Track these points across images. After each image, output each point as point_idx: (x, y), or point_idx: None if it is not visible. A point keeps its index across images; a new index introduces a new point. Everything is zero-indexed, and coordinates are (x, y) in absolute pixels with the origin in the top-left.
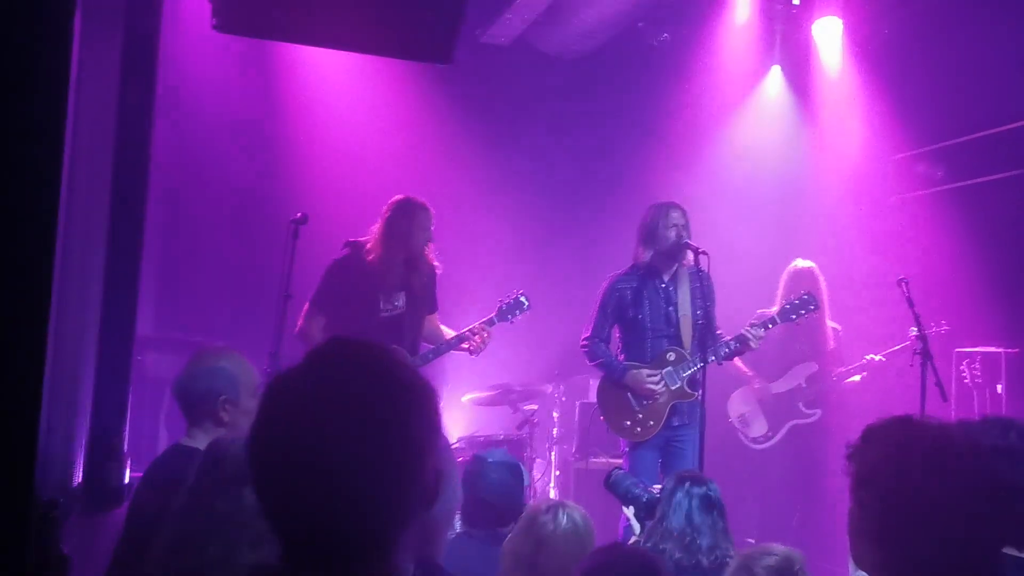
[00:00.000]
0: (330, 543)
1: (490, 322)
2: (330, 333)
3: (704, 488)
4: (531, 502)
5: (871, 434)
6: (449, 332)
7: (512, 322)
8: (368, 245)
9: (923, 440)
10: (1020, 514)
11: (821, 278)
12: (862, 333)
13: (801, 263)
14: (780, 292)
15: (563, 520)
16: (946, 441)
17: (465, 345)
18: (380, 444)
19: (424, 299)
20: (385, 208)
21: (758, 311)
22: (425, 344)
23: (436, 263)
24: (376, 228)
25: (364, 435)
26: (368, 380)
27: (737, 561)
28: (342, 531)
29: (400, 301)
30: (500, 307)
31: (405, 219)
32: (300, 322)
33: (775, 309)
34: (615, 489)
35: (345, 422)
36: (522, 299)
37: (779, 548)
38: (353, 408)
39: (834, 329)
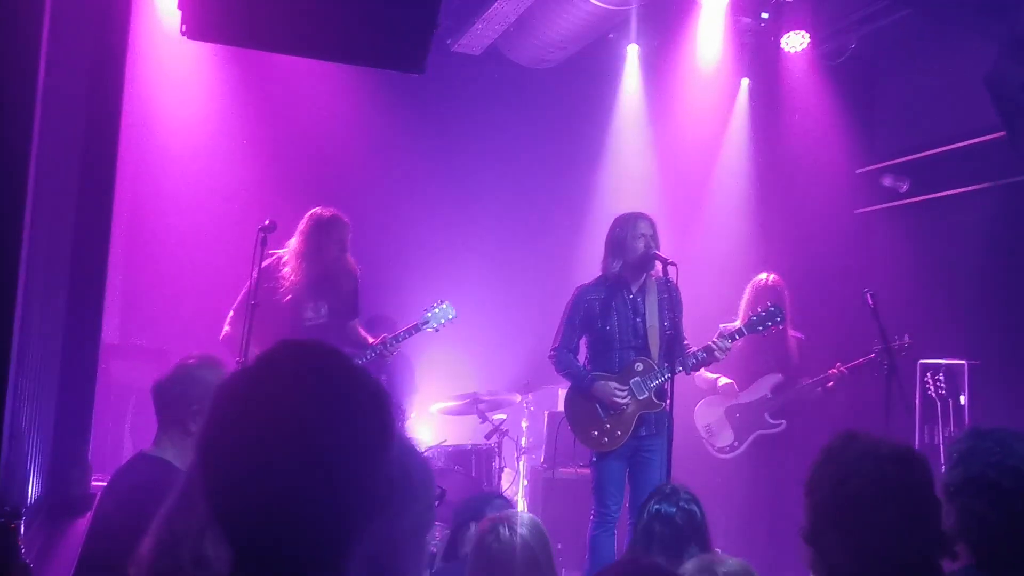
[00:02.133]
0: (280, 550)
1: (414, 329)
2: (258, 339)
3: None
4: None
5: (823, 449)
6: (369, 338)
7: (436, 331)
8: (284, 260)
9: (852, 450)
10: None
11: (786, 289)
12: (828, 344)
13: (767, 276)
14: (744, 304)
15: (506, 534)
16: (874, 450)
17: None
18: (330, 447)
19: (346, 308)
20: (302, 222)
21: (721, 325)
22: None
23: (357, 270)
24: (292, 243)
25: (314, 438)
26: (318, 383)
27: (696, 563)
28: (291, 538)
29: (323, 310)
30: (424, 315)
31: (318, 233)
32: (226, 328)
33: (738, 322)
34: None
35: (294, 425)
36: (447, 307)
37: (732, 560)
38: (302, 411)
39: (797, 339)
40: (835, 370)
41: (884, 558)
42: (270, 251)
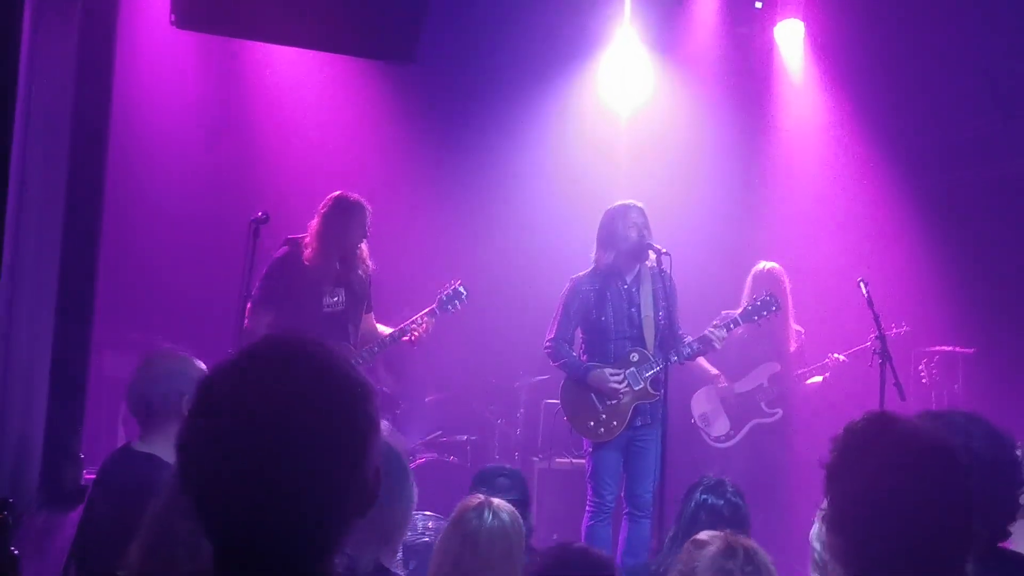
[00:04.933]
0: (265, 545)
1: (432, 314)
2: (275, 330)
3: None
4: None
5: (846, 429)
6: (386, 331)
7: (452, 313)
8: (306, 241)
9: (893, 436)
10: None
11: (786, 280)
12: (826, 334)
13: (766, 264)
14: (746, 293)
15: (489, 518)
16: (916, 438)
17: (406, 337)
18: (315, 440)
19: (363, 298)
20: (322, 205)
21: (723, 312)
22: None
23: (370, 263)
24: (313, 225)
25: (299, 431)
26: (303, 375)
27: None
28: (277, 533)
29: (340, 297)
30: (440, 298)
31: (342, 216)
32: (246, 322)
33: (740, 311)
34: None
35: (279, 420)
36: (460, 289)
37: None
38: (287, 404)
39: (797, 331)
40: (834, 357)
41: (926, 549)
42: (288, 236)
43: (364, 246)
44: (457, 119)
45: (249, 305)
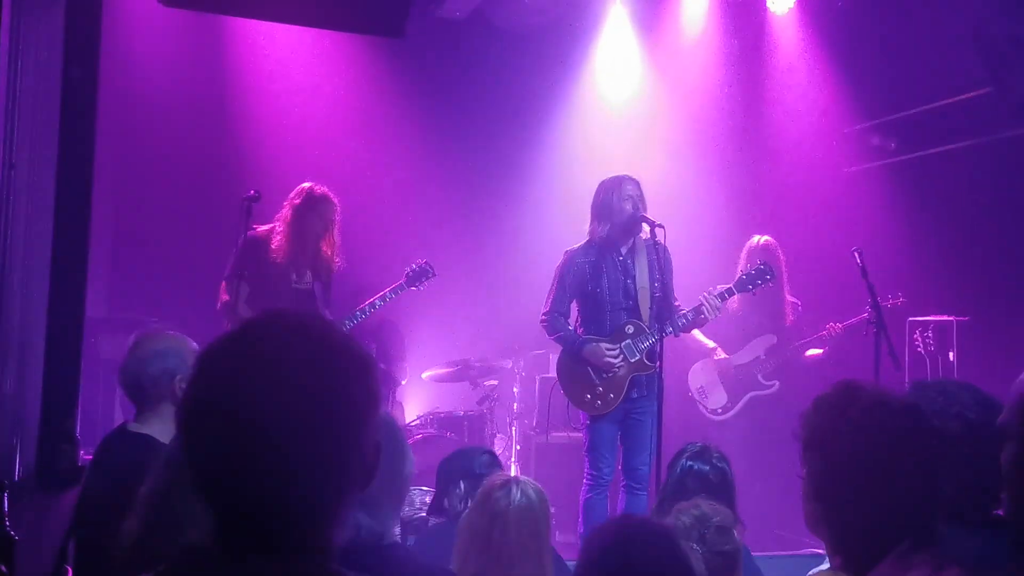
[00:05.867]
0: (266, 517)
1: (398, 289)
2: (252, 305)
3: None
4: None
5: (817, 400)
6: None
7: (419, 289)
8: (274, 231)
9: (861, 402)
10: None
11: (780, 252)
12: (822, 306)
13: (760, 238)
14: (740, 266)
15: (517, 495)
16: (882, 402)
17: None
18: (317, 413)
19: (327, 283)
20: (293, 194)
21: (718, 286)
22: None
23: (336, 260)
24: (282, 216)
25: (300, 403)
26: (304, 348)
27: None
28: (278, 504)
29: (308, 277)
30: (408, 274)
31: (307, 210)
32: (223, 296)
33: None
34: None
35: (280, 390)
36: (427, 267)
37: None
38: (288, 375)
39: (793, 304)
40: (828, 330)
41: (899, 511)
42: (261, 224)
43: (334, 240)
44: (449, 97)
45: (223, 283)
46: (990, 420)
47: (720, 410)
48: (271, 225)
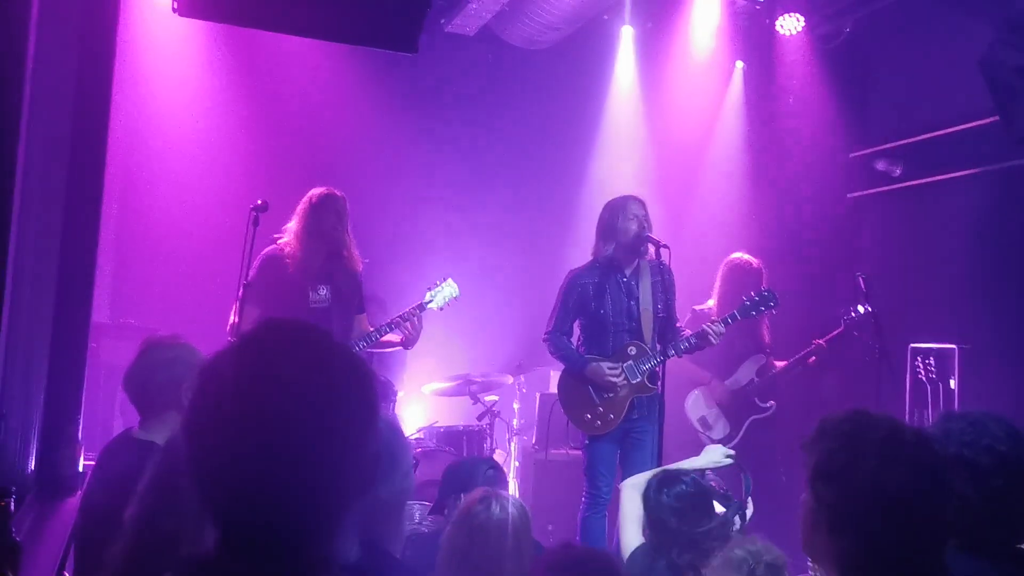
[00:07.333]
0: (268, 527)
1: (420, 307)
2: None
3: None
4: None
5: (825, 427)
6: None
7: (442, 309)
8: (288, 242)
9: (876, 432)
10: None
11: (763, 271)
12: (817, 328)
13: (742, 256)
14: (718, 286)
15: (496, 511)
16: (898, 432)
17: (398, 339)
18: (317, 424)
19: (350, 296)
20: (302, 202)
21: (694, 307)
22: None
23: (359, 260)
24: (292, 226)
25: (300, 415)
26: (304, 360)
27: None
28: (280, 514)
29: (324, 292)
30: (426, 293)
31: (321, 212)
32: (233, 318)
33: (711, 302)
34: None
35: (281, 402)
36: (449, 284)
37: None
38: (289, 387)
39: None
40: (815, 346)
41: (913, 543)
42: (274, 236)
43: (351, 242)
44: (456, 113)
45: (236, 303)
46: (1021, 453)
47: (725, 439)
48: (285, 241)
